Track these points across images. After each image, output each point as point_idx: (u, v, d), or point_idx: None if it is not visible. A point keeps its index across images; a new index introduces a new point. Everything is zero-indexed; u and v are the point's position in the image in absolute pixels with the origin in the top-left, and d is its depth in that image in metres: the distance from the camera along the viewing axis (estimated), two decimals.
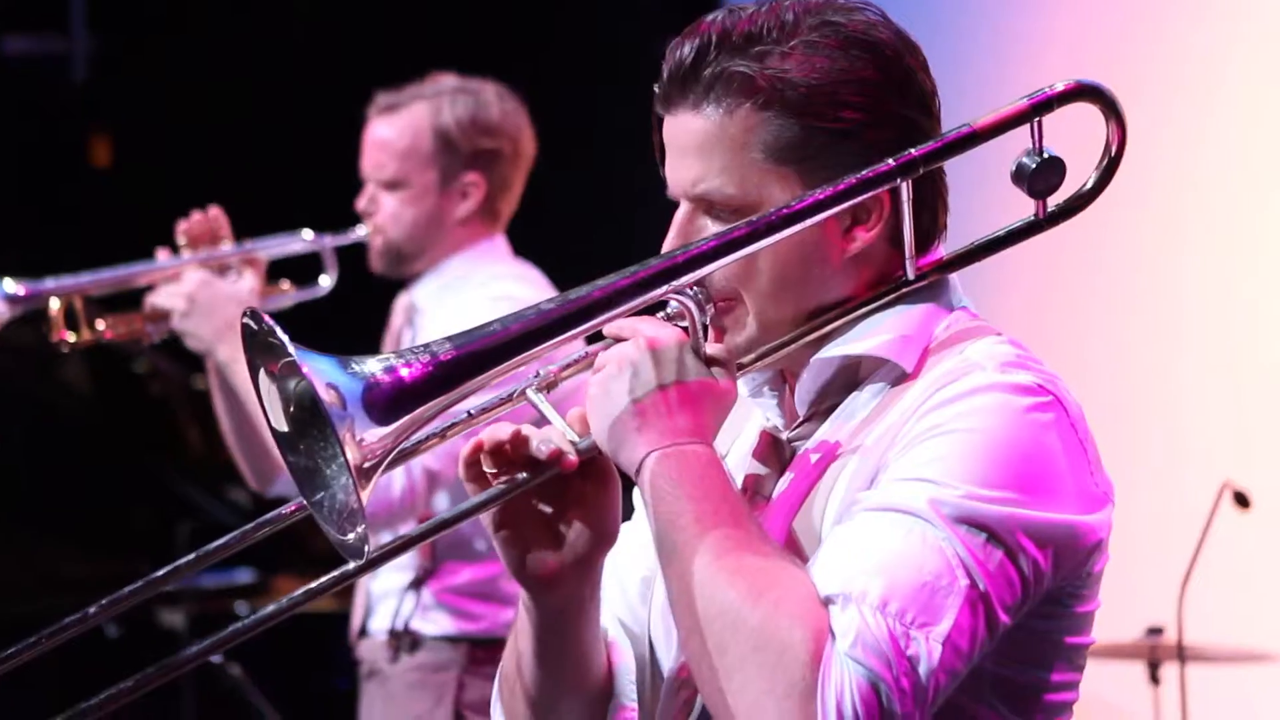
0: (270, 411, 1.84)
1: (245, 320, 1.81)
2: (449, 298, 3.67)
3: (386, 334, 3.79)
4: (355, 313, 4.17)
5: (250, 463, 3.82)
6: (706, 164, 1.91)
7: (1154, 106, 4.93)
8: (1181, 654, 4.32)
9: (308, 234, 3.81)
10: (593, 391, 1.87)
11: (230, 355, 3.63)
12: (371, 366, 1.80)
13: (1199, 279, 5.02)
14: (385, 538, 3.55)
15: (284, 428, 1.83)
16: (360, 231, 3.71)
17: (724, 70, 1.90)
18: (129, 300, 3.88)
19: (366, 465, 1.76)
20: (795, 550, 1.87)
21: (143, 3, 9.50)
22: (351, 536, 1.81)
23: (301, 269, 3.87)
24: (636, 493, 1.88)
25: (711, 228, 1.92)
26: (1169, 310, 5.08)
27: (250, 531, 2.00)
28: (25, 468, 6.57)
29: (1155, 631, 4.41)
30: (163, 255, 3.78)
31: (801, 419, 1.97)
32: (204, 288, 3.68)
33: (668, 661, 2.04)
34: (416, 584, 3.64)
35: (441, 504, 3.57)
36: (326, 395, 1.76)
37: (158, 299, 3.72)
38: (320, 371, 1.77)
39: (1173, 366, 5.05)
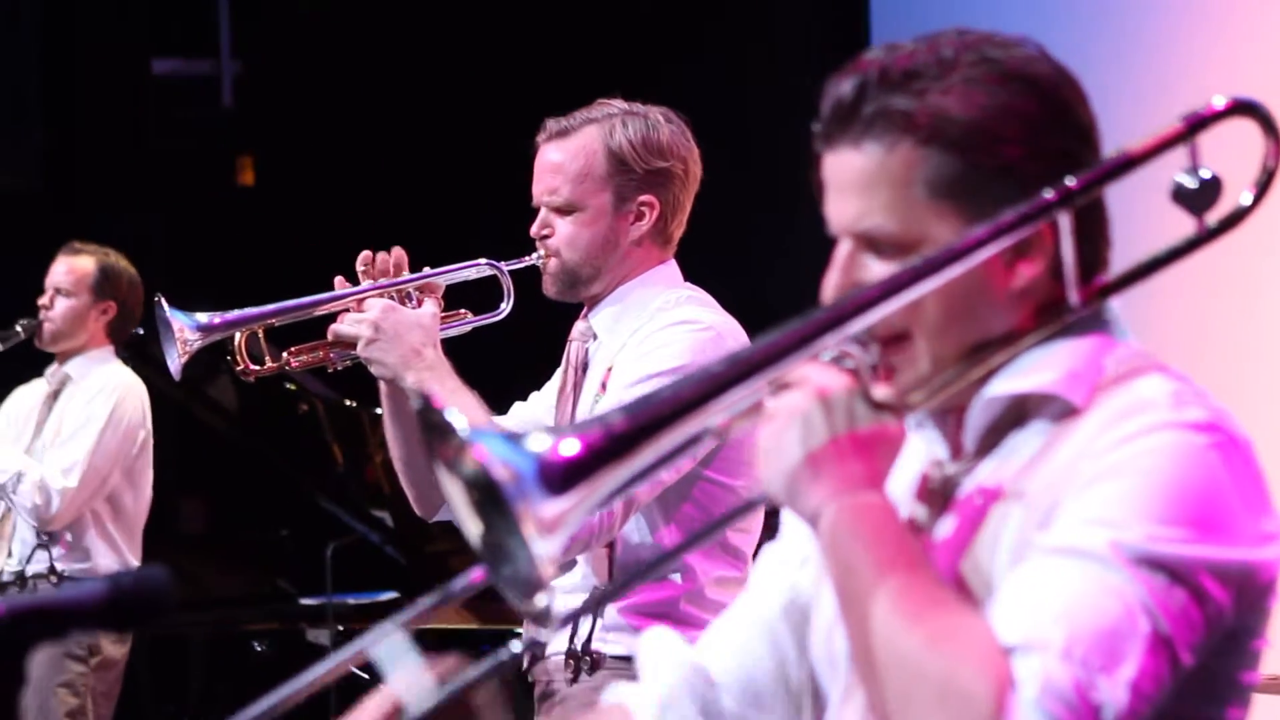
0: (457, 505, 1.86)
1: (419, 407, 1.84)
2: (627, 322, 3.67)
3: (564, 359, 3.80)
4: (531, 338, 4.20)
5: (417, 489, 3.84)
6: (868, 201, 1.91)
7: None
8: None
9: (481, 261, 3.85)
10: (764, 444, 1.87)
11: (417, 381, 3.66)
12: (544, 441, 1.80)
13: None
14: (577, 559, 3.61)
15: (471, 518, 1.85)
16: (534, 257, 3.73)
17: (884, 107, 1.89)
18: (297, 329, 3.93)
19: (546, 538, 1.77)
20: (963, 592, 1.86)
21: (287, 29, 9.63)
22: (539, 605, 1.82)
23: (474, 296, 3.91)
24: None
25: (873, 264, 1.92)
26: None
27: (443, 601, 2.01)
28: (173, 484, 6.65)
29: None
30: (342, 284, 3.82)
31: (966, 456, 1.96)
32: (388, 315, 3.70)
33: (834, 689, 2.04)
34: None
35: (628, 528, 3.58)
36: (500, 473, 1.77)
37: (342, 327, 3.75)
38: (493, 450, 1.78)
39: None
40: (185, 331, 3.90)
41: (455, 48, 9.23)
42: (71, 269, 6.47)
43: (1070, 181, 1.86)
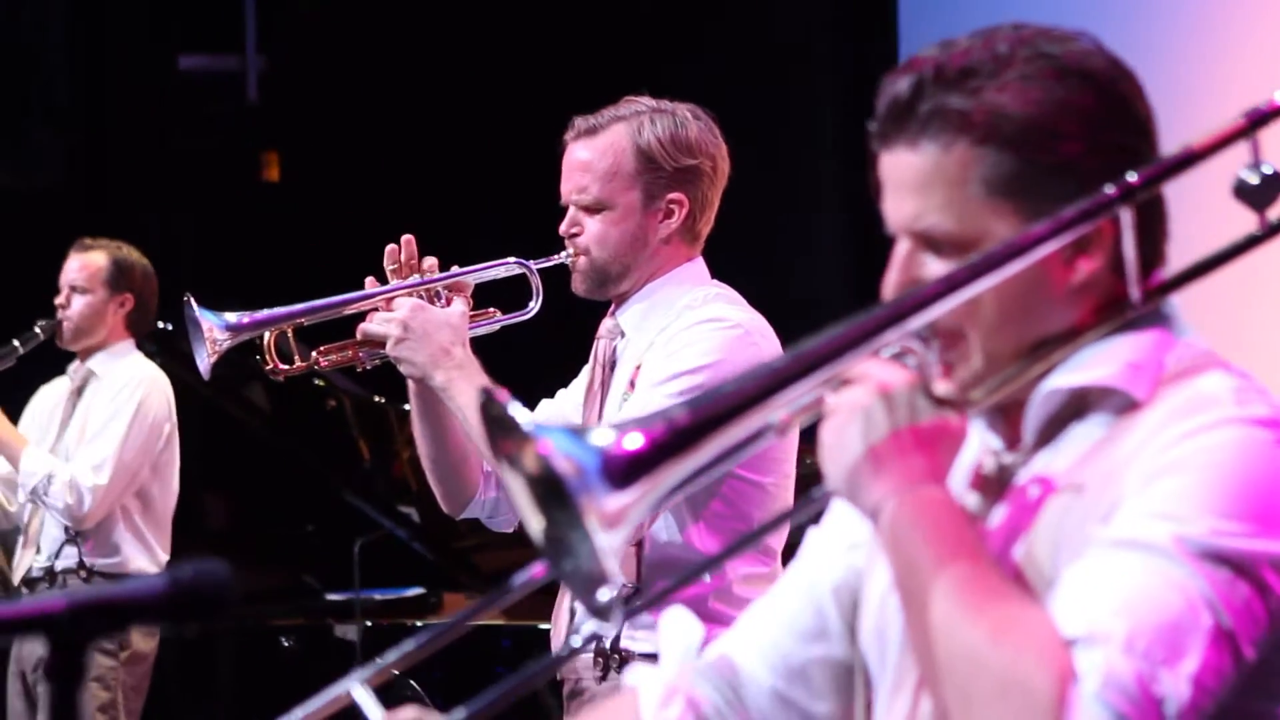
0: (519, 499, 1.86)
1: (481, 402, 1.85)
2: (655, 320, 3.67)
3: (592, 357, 3.80)
4: (559, 336, 4.20)
5: (445, 486, 3.85)
6: (925, 200, 1.91)
7: None
8: None
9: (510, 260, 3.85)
10: (826, 438, 1.87)
11: (446, 380, 3.67)
12: (608, 435, 1.80)
13: None
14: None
15: (533, 513, 1.85)
16: (563, 255, 3.73)
17: (940, 106, 1.89)
18: (326, 328, 3.93)
19: (610, 532, 1.78)
20: (1019, 582, 1.86)
21: (312, 24, 9.64)
22: (602, 599, 1.83)
23: (502, 294, 3.91)
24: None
25: (931, 263, 1.92)
26: None
27: (503, 593, 2.02)
28: (200, 479, 6.66)
29: None
30: (371, 284, 3.82)
31: (1024, 448, 1.95)
32: (417, 314, 3.71)
33: (884, 678, 2.04)
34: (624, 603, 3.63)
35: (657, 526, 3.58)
36: (564, 467, 1.77)
37: (371, 326, 3.76)
38: (557, 444, 1.79)
39: None
40: (214, 331, 3.90)
41: (481, 43, 9.23)
42: (84, 265, 6.46)
43: (1132, 177, 1.86)
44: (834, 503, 2.13)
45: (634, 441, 1.79)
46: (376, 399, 7.43)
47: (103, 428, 6.34)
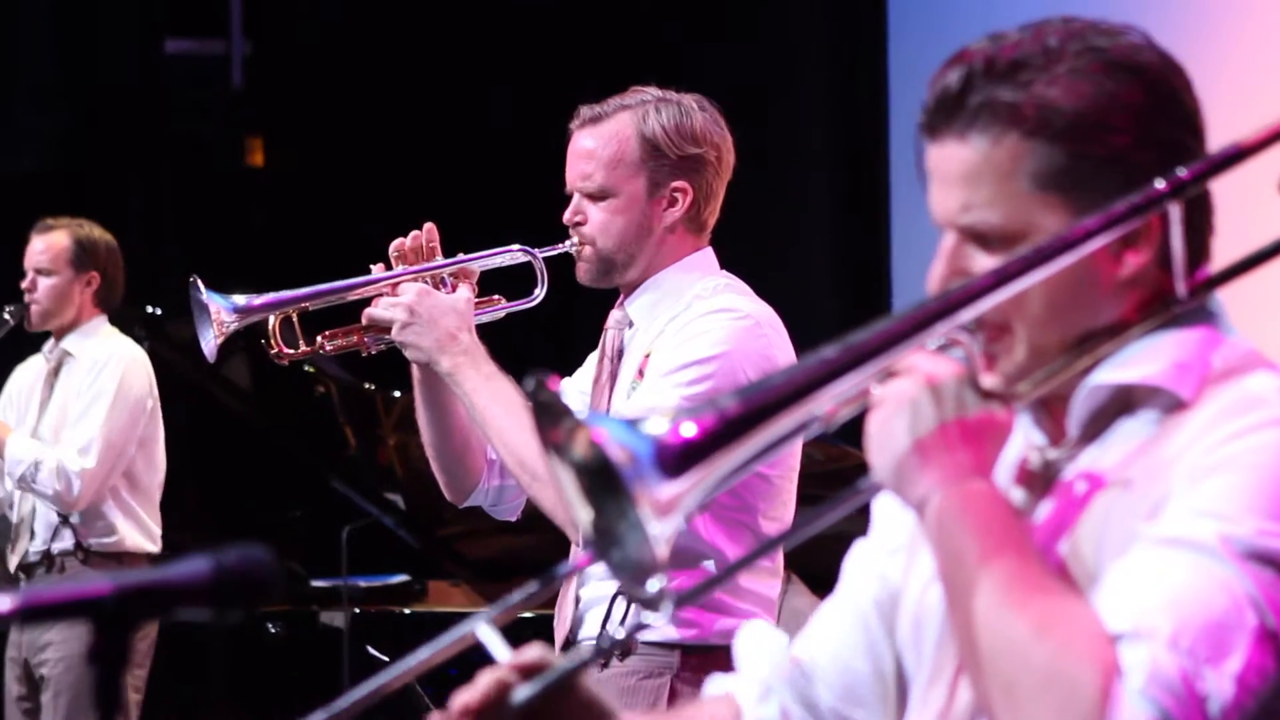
0: (566, 487, 1.86)
1: (529, 390, 1.84)
2: (664, 309, 3.66)
3: (600, 348, 3.79)
4: (564, 324, 4.19)
5: (448, 474, 3.84)
6: (973, 193, 1.90)
7: None
8: None
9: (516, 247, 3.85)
10: (873, 430, 1.87)
11: (452, 365, 3.66)
12: (661, 424, 1.80)
13: None
14: None
15: (580, 498, 1.85)
16: (567, 244, 3.72)
17: (989, 99, 1.89)
18: (328, 314, 3.92)
19: (662, 521, 1.77)
20: (1064, 577, 1.85)
21: (297, 11, 9.61)
22: (651, 590, 1.82)
23: (508, 281, 3.91)
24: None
25: (978, 256, 1.91)
26: None
27: (549, 579, 2.02)
28: (189, 466, 6.64)
29: None
30: (377, 269, 3.81)
31: (1068, 443, 1.95)
32: (423, 299, 3.70)
33: (920, 672, 2.04)
34: None
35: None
36: (618, 455, 1.77)
37: (377, 311, 3.74)
38: (610, 432, 1.79)
39: None
40: (222, 313, 3.89)
41: (468, 27, 9.21)
42: (48, 247, 6.43)
43: (1182, 172, 1.85)
44: (877, 511, 2.14)
45: (688, 430, 1.79)
46: (366, 386, 7.41)
47: (85, 410, 6.32)
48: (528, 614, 5.87)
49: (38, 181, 8.99)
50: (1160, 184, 1.85)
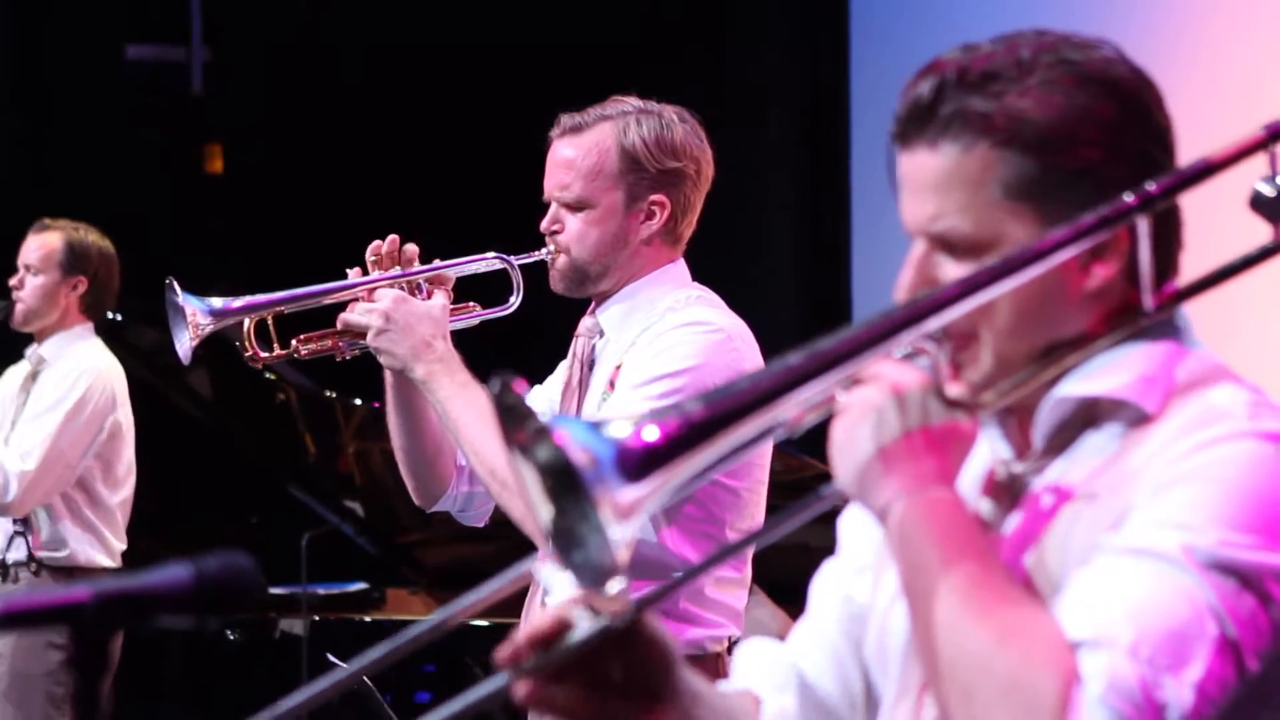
0: (530, 489, 1.85)
1: (494, 392, 1.84)
2: (636, 321, 3.66)
3: (570, 354, 3.80)
4: (539, 332, 4.19)
5: (417, 480, 3.84)
6: (943, 202, 1.92)
7: None
8: None
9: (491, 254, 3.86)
10: (837, 437, 1.88)
11: (426, 372, 3.66)
12: (624, 428, 1.80)
13: None
14: None
15: (544, 503, 1.84)
16: (543, 252, 3.72)
17: (961, 108, 1.90)
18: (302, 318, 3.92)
19: (622, 524, 1.77)
20: (1029, 589, 1.87)
21: (257, 14, 9.60)
22: (611, 592, 1.81)
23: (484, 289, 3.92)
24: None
25: (947, 265, 1.93)
26: None
27: (503, 586, 2.00)
28: (147, 471, 6.62)
29: None
30: (353, 274, 3.81)
31: (1034, 455, 1.97)
32: (399, 305, 3.70)
33: (887, 689, 2.05)
34: None
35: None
36: (579, 457, 1.77)
37: (353, 316, 3.75)
38: (573, 434, 1.78)
39: None
40: (198, 315, 3.90)
41: (429, 33, 9.21)
42: (40, 246, 6.42)
43: (1151, 186, 1.87)
44: (843, 530, 2.16)
45: (650, 434, 1.79)
46: (326, 393, 7.41)
47: (38, 415, 6.29)
48: (482, 622, 5.90)
49: None
50: (1129, 197, 1.87)
